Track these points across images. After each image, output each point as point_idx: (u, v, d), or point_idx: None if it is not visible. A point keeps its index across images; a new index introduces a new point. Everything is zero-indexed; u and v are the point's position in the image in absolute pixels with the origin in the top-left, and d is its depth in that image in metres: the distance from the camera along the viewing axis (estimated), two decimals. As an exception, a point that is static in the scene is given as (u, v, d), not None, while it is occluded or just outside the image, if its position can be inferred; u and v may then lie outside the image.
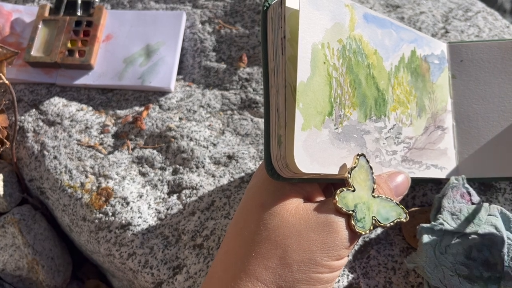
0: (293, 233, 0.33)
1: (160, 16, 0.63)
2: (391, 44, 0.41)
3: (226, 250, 0.36)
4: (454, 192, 0.43)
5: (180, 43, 0.61)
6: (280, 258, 0.33)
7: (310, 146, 0.33)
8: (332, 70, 0.35)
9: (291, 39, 0.33)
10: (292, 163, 0.32)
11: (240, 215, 0.37)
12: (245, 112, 0.56)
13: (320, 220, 0.34)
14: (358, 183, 0.35)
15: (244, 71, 0.59)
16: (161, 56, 0.60)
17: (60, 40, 0.60)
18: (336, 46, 0.36)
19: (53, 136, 0.58)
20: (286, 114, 0.33)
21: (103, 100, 0.60)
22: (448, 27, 0.58)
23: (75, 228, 0.54)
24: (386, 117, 0.40)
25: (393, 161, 0.41)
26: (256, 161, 0.52)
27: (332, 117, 0.35)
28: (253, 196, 0.37)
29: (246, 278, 0.33)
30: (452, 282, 0.38)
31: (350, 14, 0.37)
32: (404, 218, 0.36)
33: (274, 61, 0.34)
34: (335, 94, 0.35)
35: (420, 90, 0.44)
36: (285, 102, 0.33)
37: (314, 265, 0.33)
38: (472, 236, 0.40)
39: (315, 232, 0.33)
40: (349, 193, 0.34)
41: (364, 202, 0.35)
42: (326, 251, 0.33)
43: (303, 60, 0.33)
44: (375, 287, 0.42)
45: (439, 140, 0.46)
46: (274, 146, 0.34)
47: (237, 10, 0.63)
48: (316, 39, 0.34)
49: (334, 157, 0.35)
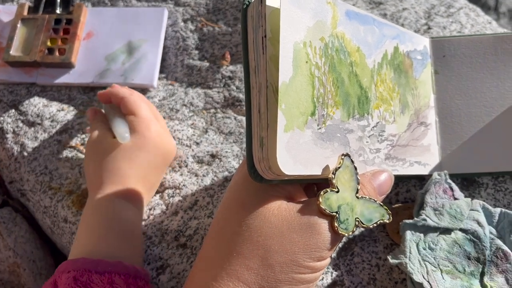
0: (276, 233, 0.33)
1: (141, 13, 0.62)
2: (373, 40, 0.41)
3: (208, 250, 0.36)
4: (436, 187, 0.43)
5: (162, 40, 0.60)
6: (262, 258, 0.33)
7: (293, 147, 0.33)
8: (315, 69, 0.34)
9: (272, 38, 0.33)
10: (275, 166, 0.32)
11: (221, 215, 0.37)
12: (228, 110, 0.56)
13: (302, 222, 0.33)
14: (342, 184, 0.34)
15: (227, 69, 0.58)
16: (144, 53, 0.59)
17: (39, 39, 0.59)
18: (318, 44, 0.35)
19: (33, 137, 0.57)
20: (268, 115, 0.32)
21: (85, 100, 0.59)
22: (430, 24, 0.58)
23: (56, 230, 0.53)
24: (369, 115, 0.40)
25: (376, 159, 0.40)
26: (240, 159, 0.52)
27: (315, 117, 0.34)
28: (235, 196, 0.36)
29: (227, 278, 0.33)
30: (435, 278, 0.38)
31: (332, 12, 0.37)
32: (387, 219, 0.36)
33: (255, 61, 0.33)
34: (318, 93, 0.35)
35: (403, 86, 0.44)
36: (267, 103, 0.32)
37: (296, 266, 0.33)
38: (455, 231, 0.40)
39: (298, 234, 0.33)
40: (333, 194, 0.34)
41: (347, 203, 0.34)
42: (309, 252, 0.33)
43: (285, 60, 0.32)
44: (359, 284, 0.42)
45: (422, 137, 0.46)
46: (256, 148, 0.33)
47: (219, 7, 0.63)
48: (297, 38, 0.33)
49: (317, 158, 0.35)
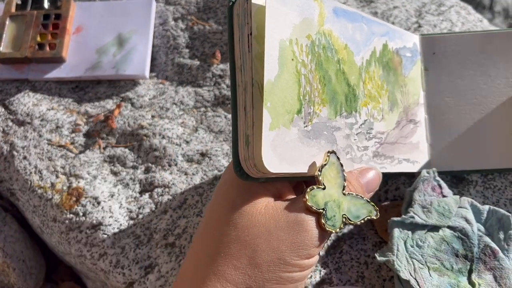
0: (263, 232, 0.33)
1: (129, 5, 0.62)
2: (362, 38, 0.41)
3: (197, 251, 0.36)
4: (425, 185, 0.43)
5: (151, 30, 0.61)
6: (249, 258, 0.32)
7: (278, 145, 0.32)
8: (301, 67, 0.34)
9: (257, 36, 0.32)
10: (260, 164, 0.31)
11: (210, 215, 0.36)
12: (218, 108, 0.56)
13: (290, 219, 0.33)
14: (329, 181, 0.34)
15: (217, 67, 0.58)
16: (134, 45, 0.59)
17: (29, 35, 0.59)
18: (305, 42, 0.35)
19: (23, 136, 0.56)
20: (254, 114, 0.32)
21: (75, 99, 0.59)
22: (421, 22, 0.58)
23: (46, 229, 0.53)
24: (357, 113, 0.39)
25: (364, 157, 0.40)
26: (230, 158, 0.52)
27: (301, 115, 0.34)
28: (224, 195, 0.36)
29: (215, 279, 0.33)
30: (422, 275, 0.38)
31: (319, 9, 0.36)
32: (375, 215, 0.36)
33: (241, 59, 0.33)
34: (304, 91, 0.34)
35: (392, 84, 0.44)
36: (253, 101, 0.32)
37: (283, 264, 0.32)
38: (443, 229, 0.40)
39: (285, 231, 0.33)
40: (319, 191, 0.33)
41: (334, 200, 0.34)
42: (296, 250, 0.33)
43: (270, 57, 0.32)
44: (347, 282, 0.42)
45: (411, 134, 0.46)
46: (242, 146, 0.33)
47: (210, 6, 0.62)
48: (283, 36, 0.33)
49: (303, 156, 0.34)
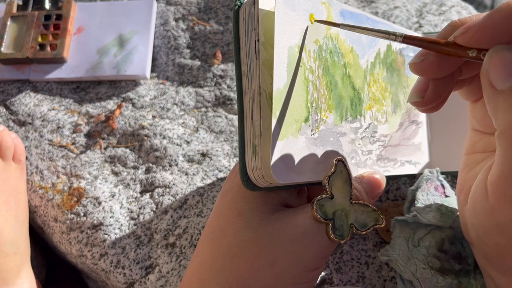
0: (271, 244, 0.32)
1: (130, 6, 0.62)
2: (367, 40, 0.40)
3: (202, 261, 0.35)
4: (428, 184, 0.43)
5: (152, 31, 0.61)
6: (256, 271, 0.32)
7: (287, 155, 0.31)
8: (309, 74, 0.33)
9: (265, 42, 0.31)
10: (268, 175, 0.30)
11: (216, 223, 0.35)
12: (219, 109, 0.55)
13: (297, 231, 0.32)
14: (337, 189, 0.33)
15: (218, 68, 0.58)
16: (135, 45, 0.60)
17: (30, 35, 0.59)
18: (313, 47, 0.33)
19: (24, 136, 0.56)
20: (262, 123, 0.31)
21: (76, 99, 0.59)
22: (422, 22, 0.58)
23: (47, 230, 0.53)
24: (362, 117, 0.39)
25: (368, 161, 0.40)
26: (230, 158, 0.52)
27: (308, 122, 0.33)
28: (229, 204, 0.35)
29: None
30: (424, 275, 0.37)
31: (327, 12, 0.35)
32: (381, 223, 0.35)
33: (248, 66, 0.32)
34: (312, 98, 0.33)
35: (395, 85, 0.44)
36: (260, 110, 0.31)
37: (291, 276, 0.32)
38: (445, 229, 0.40)
39: (293, 243, 0.32)
40: (327, 200, 0.33)
41: (342, 210, 0.33)
42: (304, 262, 0.32)
43: (279, 65, 0.30)
44: (348, 282, 0.42)
45: (414, 135, 0.46)
46: (249, 156, 0.32)
47: (211, 6, 0.63)
48: (292, 42, 0.31)
49: (310, 164, 0.33)
